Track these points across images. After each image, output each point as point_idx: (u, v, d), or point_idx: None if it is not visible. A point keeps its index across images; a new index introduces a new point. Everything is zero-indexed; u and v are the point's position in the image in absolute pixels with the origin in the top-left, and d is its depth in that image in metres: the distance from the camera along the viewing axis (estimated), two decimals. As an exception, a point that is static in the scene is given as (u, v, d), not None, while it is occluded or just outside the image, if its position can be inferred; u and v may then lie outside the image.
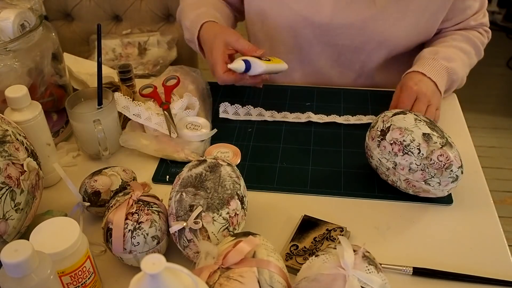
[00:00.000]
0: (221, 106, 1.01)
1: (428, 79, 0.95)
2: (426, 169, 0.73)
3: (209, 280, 0.57)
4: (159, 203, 0.70)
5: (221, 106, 1.01)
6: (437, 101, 0.95)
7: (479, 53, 1.09)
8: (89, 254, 0.62)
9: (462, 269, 0.69)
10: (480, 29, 1.10)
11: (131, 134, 0.91)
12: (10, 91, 0.75)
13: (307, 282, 0.57)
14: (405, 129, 0.75)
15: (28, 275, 0.52)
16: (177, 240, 0.67)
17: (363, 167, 0.87)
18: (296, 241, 0.73)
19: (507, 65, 2.79)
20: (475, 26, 1.09)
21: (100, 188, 0.75)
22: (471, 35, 1.07)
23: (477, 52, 1.08)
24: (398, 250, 0.73)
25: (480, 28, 1.10)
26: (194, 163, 0.71)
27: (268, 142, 0.94)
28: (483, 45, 1.10)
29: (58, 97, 0.93)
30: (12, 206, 0.63)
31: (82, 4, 1.64)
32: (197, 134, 0.91)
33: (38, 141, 0.78)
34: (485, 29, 1.11)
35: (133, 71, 0.97)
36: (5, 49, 0.80)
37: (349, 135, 0.95)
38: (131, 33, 1.69)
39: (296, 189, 0.83)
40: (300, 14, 1.02)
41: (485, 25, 1.11)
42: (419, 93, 0.93)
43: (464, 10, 1.05)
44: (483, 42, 1.10)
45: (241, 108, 1.01)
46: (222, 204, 0.66)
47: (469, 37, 1.06)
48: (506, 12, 3.09)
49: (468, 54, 1.05)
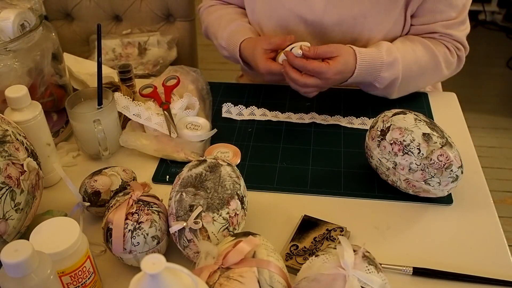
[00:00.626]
0: (224, 106, 1.01)
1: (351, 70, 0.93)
2: (426, 169, 0.73)
3: (209, 280, 0.57)
4: (159, 203, 0.70)
5: (224, 106, 1.01)
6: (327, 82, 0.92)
7: (438, 67, 1.02)
8: (89, 254, 0.62)
9: (462, 269, 0.69)
10: (448, 43, 1.03)
11: (131, 134, 0.91)
12: (10, 91, 0.75)
13: (307, 282, 0.57)
14: (405, 129, 0.75)
15: (28, 275, 0.52)
16: (177, 240, 0.67)
17: (363, 167, 0.87)
18: (296, 241, 0.73)
19: (507, 65, 2.79)
20: (442, 34, 1.02)
21: (100, 188, 0.75)
22: (434, 47, 1.01)
23: (435, 66, 1.02)
24: (398, 250, 0.73)
25: (449, 42, 1.03)
26: (194, 163, 0.71)
27: (268, 142, 0.94)
28: (446, 62, 1.03)
29: (58, 97, 0.93)
30: (12, 206, 0.63)
31: (82, 4, 1.63)
32: (197, 134, 0.91)
33: (38, 141, 0.78)
34: (456, 45, 1.04)
35: (133, 71, 0.97)
36: (5, 49, 0.80)
37: (349, 135, 0.95)
38: (131, 33, 1.68)
39: (296, 189, 0.83)
40: (293, 12, 1.03)
41: (456, 40, 1.03)
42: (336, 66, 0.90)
43: (433, 12, 1.00)
44: (448, 58, 1.03)
45: (244, 109, 1.01)
46: (222, 204, 0.66)
47: (430, 48, 1.01)
48: (506, 12, 3.09)
49: (421, 66, 1.00)
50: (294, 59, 0.91)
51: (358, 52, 0.95)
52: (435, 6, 0.99)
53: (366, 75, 0.96)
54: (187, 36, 1.67)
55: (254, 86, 1.12)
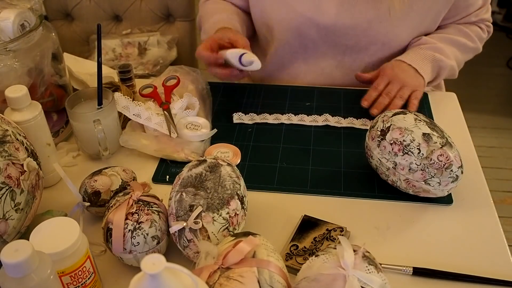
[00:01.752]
0: (235, 115, 1.00)
1: (408, 66, 1.01)
2: (426, 169, 0.73)
3: (209, 280, 0.57)
4: (159, 203, 0.70)
5: (234, 115, 1.00)
6: (415, 84, 0.99)
7: (475, 45, 1.10)
8: (89, 254, 0.62)
9: (462, 269, 0.69)
10: (480, 24, 1.11)
11: (131, 134, 0.91)
12: (10, 91, 0.75)
13: (307, 282, 0.57)
14: (405, 129, 0.75)
15: (28, 275, 0.52)
16: (177, 240, 0.67)
17: (363, 167, 0.87)
18: (296, 241, 0.73)
19: (507, 65, 2.79)
20: (476, 21, 1.10)
21: (100, 188, 0.75)
22: (465, 28, 1.09)
23: (471, 44, 1.09)
24: (398, 250, 0.73)
25: (481, 23, 1.11)
26: (194, 163, 0.71)
27: (268, 142, 0.94)
28: (480, 39, 1.11)
29: (58, 97, 0.93)
30: (12, 206, 0.63)
31: (82, 4, 1.64)
32: (197, 134, 0.91)
33: (38, 141, 0.78)
34: (487, 24, 1.12)
35: (133, 71, 0.97)
36: (5, 49, 0.80)
37: (349, 135, 0.95)
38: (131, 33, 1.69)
39: (296, 189, 0.83)
40: (305, 16, 1.03)
41: (487, 20, 1.12)
42: (393, 76, 0.99)
43: (467, 7, 1.07)
44: (481, 36, 1.11)
45: (256, 116, 1.00)
46: (222, 204, 0.66)
47: (462, 29, 1.08)
48: (506, 12, 3.09)
49: (458, 44, 1.07)
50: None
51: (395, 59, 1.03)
52: (467, 1, 1.06)
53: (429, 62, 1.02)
54: (187, 36, 1.68)
55: (254, 86, 1.12)
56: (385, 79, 1.00)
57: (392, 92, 0.98)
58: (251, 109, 1.02)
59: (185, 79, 1.02)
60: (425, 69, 1.01)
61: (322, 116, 0.99)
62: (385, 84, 0.99)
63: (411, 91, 0.98)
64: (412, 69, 1.01)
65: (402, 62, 1.02)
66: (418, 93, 0.99)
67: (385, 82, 0.99)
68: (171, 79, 0.97)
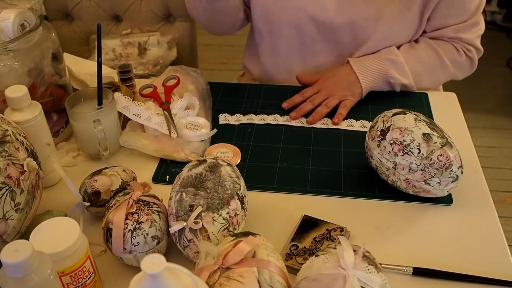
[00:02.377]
0: (221, 116, 1.00)
1: (352, 71, 1.01)
2: (426, 169, 0.73)
3: (209, 280, 0.57)
4: (159, 203, 0.70)
5: (220, 116, 1.00)
6: (344, 94, 1.00)
7: (444, 66, 1.05)
8: (89, 254, 0.62)
9: (462, 269, 0.69)
10: (456, 44, 1.05)
11: (131, 134, 0.91)
12: (10, 91, 0.75)
13: (307, 282, 0.57)
14: (405, 129, 0.75)
15: (28, 275, 0.52)
16: (177, 240, 0.67)
17: (363, 167, 0.87)
18: (296, 241, 0.73)
19: (507, 65, 2.79)
20: (452, 38, 1.04)
21: (100, 188, 0.75)
22: (438, 47, 1.04)
23: (440, 65, 1.04)
24: (398, 250, 0.73)
25: (457, 43, 1.05)
26: (194, 163, 0.71)
27: (268, 142, 0.94)
28: (453, 61, 1.05)
29: (58, 97, 0.93)
30: (12, 206, 0.63)
31: (82, 4, 1.63)
32: (197, 134, 0.91)
33: (38, 141, 0.78)
34: (466, 47, 1.05)
35: (133, 71, 0.97)
36: (5, 49, 0.80)
37: (349, 135, 0.95)
38: (131, 33, 1.68)
39: (296, 189, 0.83)
40: (305, 11, 1.04)
41: (466, 42, 1.05)
42: (323, 86, 1.01)
43: (446, 16, 1.01)
44: (455, 58, 1.05)
45: (242, 117, 1.00)
46: (222, 204, 0.66)
47: (434, 48, 1.04)
48: (506, 12, 3.09)
49: (424, 63, 1.04)
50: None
51: (350, 59, 1.03)
52: (449, 10, 1.00)
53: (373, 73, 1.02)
54: (187, 36, 1.67)
55: (254, 86, 1.12)
56: (314, 89, 1.02)
57: (315, 100, 1.00)
58: (251, 109, 1.02)
59: (185, 79, 1.02)
60: (367, 80, 1.01)
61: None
62: (312, 93, 1.01)
63: (339, 100, 1.00)
64: (354, 76, 1.01)
65: (349, 66, 1.03)
66: (348, 102, 1.00)
67: (312, 92, 1.02)
68: (171, 79, 0.97)
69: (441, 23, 1.03)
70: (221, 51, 2.86)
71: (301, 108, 0.99)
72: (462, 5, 1.00)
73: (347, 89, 1.01)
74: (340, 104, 1.00)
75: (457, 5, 1.00)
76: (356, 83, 1.01)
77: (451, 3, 0.99)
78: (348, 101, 1.00)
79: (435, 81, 1.09)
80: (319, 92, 1.01)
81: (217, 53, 2.84)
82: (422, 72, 1.05)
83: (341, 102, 1.00)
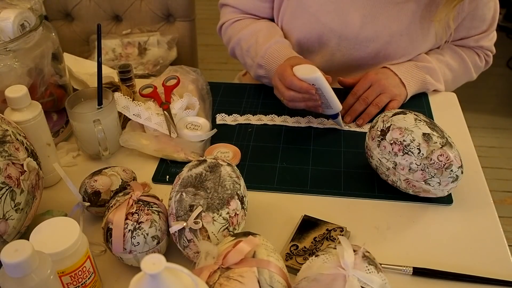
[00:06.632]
0: (218, 116, 1.00)
1: (394, 74, 1.00)
2: (426, 169, 0.73)
3: (209, 280, 0.57)
4: (159, 203, 0.70)
5: (217, 116, 1.00)
6: (395, 93, 0.99)
7: (468, 72, 1.09)
8: (89, 254, 0.62)
9: (462, 269, 0.69)
10: (478, 50, 1.10)
11: (131, 134, 0.91)
12: (10, 91, 0.75)
13: (307, 282, 0.57)
14: (405, 129, 0.75)
15: (28, 275, 0.52)
16: (177, 240, 0.67)
17: (363, 167, 0.87)
18: (296, 241, 0.73)
19: (507, 65, 2.79)
20: (474, 47, 1.09)
21: (100, 188, 0.75)
22: (463, 53, 1.08)
23: (465, 70, 1.09)
24: (398, 250, 0.73)
25: (479, 50, 1.10)
26: (194, 163, 0.71)
27: (268, 142, 0.94)
28: (475, 67, 1.10)
29: (58, 97, 0.93)
30: (12, 206, 0.63)
31: (82, 4, 1.63)
32: (197, 134, 0.91)
33: (38, 141, 0.78)
34: (486, 52, 1.11)
35: (133, 71, 0.97)
36: (5, 49, 0.80)
37: (349, 135, 0.95)
38: (131, 33, 1.68)
39: (296, 189, 0.83)
40: (328, 26, 1.02)
41: (486, 49, 1.11)
42: (375, 80, 0.98)
43: (469, 29, 1.06)
44: (477, 63, 1.10)
45: (239, 117, 1.00)
46: (222, 204, 0.66)
47: (457, 51, 1.08)
48: (506, 12, 3.09)
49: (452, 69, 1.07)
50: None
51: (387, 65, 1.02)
52: (471, 23, 1.05)
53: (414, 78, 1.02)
54: (187, 36, 1.68)
55: (254, 86, 1.12)
56: (366, 83, 0.99)
57: (369, 97, 0.97)
58: (251, 109, 1.02)
59: (185, 79, 1.02)
60: (410, 85, 1.01)
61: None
62: (364, 89, 0.99)
63: (389, 99, 0.98)
64: (398, 78, 1.00)
65: (388, 69, 1.01)
66: (396, 103, 0.98)
67: (365, 87, 0.99)
68: (171, 79, 0.97)
69: (463, 35, 1.07)
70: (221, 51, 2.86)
71: (355, 109, 0.97)
72: (483, 17, 1.05)
73: (397, 88, 1.00)
74: (389, 105, 0.98)
75: (478, 18, 1.04)
76: (401, 86, 1.00)
77: (473, 17, 1.03)
78: (396, 103, 0.98)
79: (457, 85, 1.12)
80: (371, 88, 0.99)
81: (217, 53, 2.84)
82: (451, 77, 1.07)
83: (389, 103, 0.98)
